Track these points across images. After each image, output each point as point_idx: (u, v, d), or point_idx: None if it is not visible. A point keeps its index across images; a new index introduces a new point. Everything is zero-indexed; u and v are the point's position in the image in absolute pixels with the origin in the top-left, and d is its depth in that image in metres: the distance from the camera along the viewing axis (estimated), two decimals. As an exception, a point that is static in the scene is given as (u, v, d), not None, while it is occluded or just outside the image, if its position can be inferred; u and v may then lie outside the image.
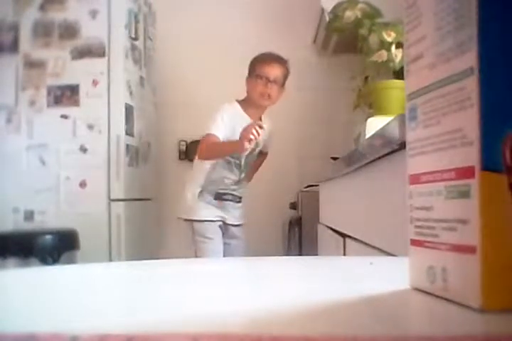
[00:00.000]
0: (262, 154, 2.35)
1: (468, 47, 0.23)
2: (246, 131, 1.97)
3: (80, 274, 0.39)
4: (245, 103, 2.23)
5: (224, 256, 2.14)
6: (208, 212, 2.15)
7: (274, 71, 2.16)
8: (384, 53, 1.87)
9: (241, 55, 2.97)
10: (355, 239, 1.29)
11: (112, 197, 2.48)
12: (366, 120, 1.77)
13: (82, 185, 2.47)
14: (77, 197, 2.46)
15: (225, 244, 2.19)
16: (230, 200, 2.19)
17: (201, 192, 2.15)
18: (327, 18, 2.35)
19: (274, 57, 2.21)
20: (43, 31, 2.52)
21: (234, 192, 2.20)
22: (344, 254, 1.47)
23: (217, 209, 2.16)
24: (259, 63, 2.21)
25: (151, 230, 2.89)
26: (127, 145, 2.55)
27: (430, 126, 0.26)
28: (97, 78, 2.48)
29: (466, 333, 0.19)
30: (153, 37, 2.96)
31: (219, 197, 2.17)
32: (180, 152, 3.12)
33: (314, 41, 2.99)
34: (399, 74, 1.86)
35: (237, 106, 2.21)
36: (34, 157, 2.50)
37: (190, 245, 2.14)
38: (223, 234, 2.19)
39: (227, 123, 2.12)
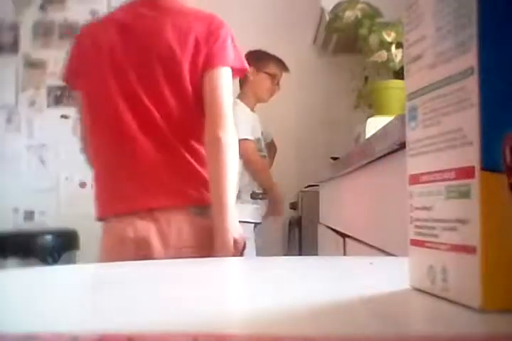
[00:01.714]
0: (271, 146, 2.40)
1: (468, 47, 0.23)
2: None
3: (80, 274, 0.39)
4: (243, 95, 2.32)
5: None
6: (246, 212, 2.15)
7: (281, 76, 2.34)
8: (384, 53, 1.87)
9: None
10: (355, 239, 1.29)
11: (112, 197, 2.48)
12: (366, 120, 1.77)
13: (82, 185, 2.47)
14: (77, 197, 2.46)
15: None
16: (261, 198, 2.24)
17: (239, 192, 2.14)
18: (327, 18, 2.35)
19: (284, 63, 2.36)
20: (43, 31, 2.52)
21: (261, 190, 2.26)
22: (344, 254, 1.47)
23: (252, 209, 2.20)
24: (272, 61, 2.32)
25: (151, 230, 2.89)
26: (127, 145, 2.55)
27: (430, 126, 0.26)
28: (97, 78, 2.48)
29: (466, 333, 0.19)
30: (153, 37, 2.96)
31: (255, 196, 2.20)
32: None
33: (314, 41, 2.99)
34: (399, 74, 1.86)
35: (240, 103, 2.27)
36: (34, 157, 2.50)
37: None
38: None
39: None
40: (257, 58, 2.32)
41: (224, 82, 1.12)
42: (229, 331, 0.19)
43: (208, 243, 1.11)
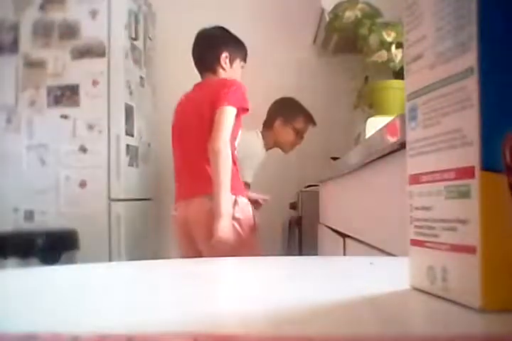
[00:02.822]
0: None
1: (468, 47, 0.23)
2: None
3: (79, 274, 0.39)
4: (265, 136, 2.37)
5: None
6: None
7: (307, 127, 2.41)
8: (384, 53, 1.87)
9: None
10: (355, 239, 1.29)
11: (112, 197, 2.48)
12: (366, 120, 1.77)
13: (82, 185, 2.47)
14: (77, 197, 2.46)
15: None
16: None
17: None
18: (327, 18, 2.35)
19: (312, 118, 2.41)
20: (43, 31, 2.52)
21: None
22: (344, 254, 1.47)
23: None
24: (301, 116, 2.36)
25: (151, 230, 2.89)
26: (127, 145, 2.55)
27: (430, 126, 0.26)
28: (97, 78, 2.48)
29: (466, 333, 0.19)
30: (153, 37, 2.96)
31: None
32: (180, 152, 3.12)
33: (314, 41, 2.99)
34: (399, 74, 1.86)
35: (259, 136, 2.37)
36: (34, 157, 2.50)
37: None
38: None
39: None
40: (288, 109, 2.37)
41: (226, 116, 1.80)
42: (229, 331, 0.19)
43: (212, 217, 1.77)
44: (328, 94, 2.99)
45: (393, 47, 1.86)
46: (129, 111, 2.57)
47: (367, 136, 1.42)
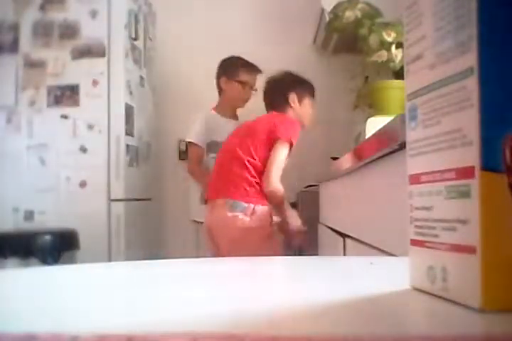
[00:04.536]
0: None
1: (468, 47, 0.23)
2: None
3: (79, 274, 0.39)
4: (219, 104, 2.49)
5: None
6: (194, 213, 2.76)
7: (255, 80, 2.46)
8: (384, 53, 1.87)
9: (241, 55, 2.94)
10: (355, 239, 1.29)
11: (112, 197, 2.48)
12: (366, 120, 1.77)
13: (82, 185, 2.47)
14: (77, 197, 2.46)
15: None
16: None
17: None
18: (327, 18, 2.35)
19: (255, 67, 2.46)
20: (43, 31, 2.52)
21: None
22: (344, 254, 1.47)
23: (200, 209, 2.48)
24: (241, 69, 2.43)
25: (151, 230, 2.89)
26: (127, 145, 2.55)
27: (430, 126, 0.26)
28: (97, 78, 2.48)
29: (466, 333, 0.19)
30: (153, 37, 2.96)
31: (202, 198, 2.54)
32: (180, 152, 3.12)
33: (314, 41, 2.99)
34: (399, 74, 1.85)
35: (215, 115, 2.47)
36: (34, 157, 2.50)
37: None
38: None
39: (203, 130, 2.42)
40: (228, 66, 2.45)
41: (282, 152, 2.04)
42: (229, 331, 0.19)
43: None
44: (328, 94, 2.99)
45: (393, 47, 1.86)
46: (129, 111, 2.57)
47: (367, 136, 1.42)
